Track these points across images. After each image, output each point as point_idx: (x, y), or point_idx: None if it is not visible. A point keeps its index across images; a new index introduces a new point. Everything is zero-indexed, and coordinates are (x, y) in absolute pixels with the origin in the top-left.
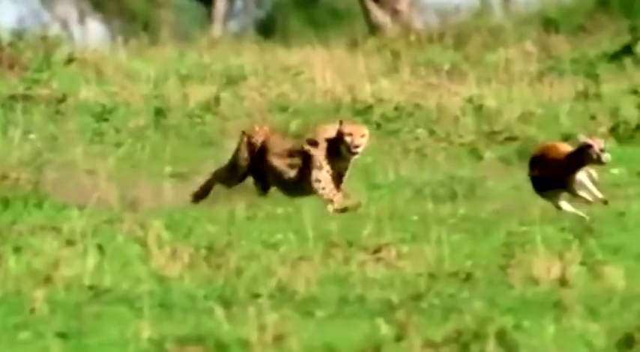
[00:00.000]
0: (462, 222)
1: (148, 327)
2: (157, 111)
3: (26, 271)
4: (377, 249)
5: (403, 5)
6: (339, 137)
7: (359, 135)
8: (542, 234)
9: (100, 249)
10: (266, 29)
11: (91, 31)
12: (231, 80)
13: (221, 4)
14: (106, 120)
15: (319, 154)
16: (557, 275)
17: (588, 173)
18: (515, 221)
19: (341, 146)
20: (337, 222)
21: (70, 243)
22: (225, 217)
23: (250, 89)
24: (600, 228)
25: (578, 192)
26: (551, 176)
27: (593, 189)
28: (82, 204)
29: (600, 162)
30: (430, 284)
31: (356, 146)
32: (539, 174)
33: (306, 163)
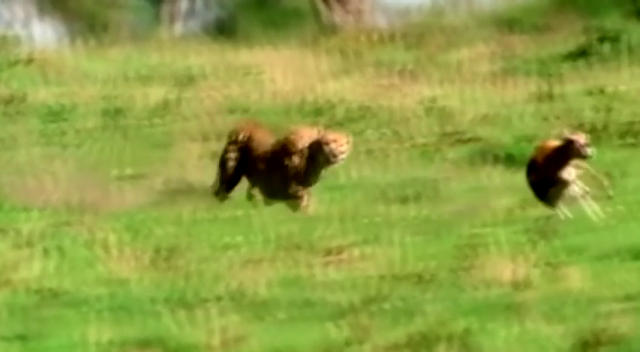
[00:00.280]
0: (419, 224)
1: (105, 330)
2: (111, 113)
3: None
4: (337, 251)
5: (359, 5)
6: (320, 145)
7: (341, 143)
8: (501, 235)
9: (58, 251)
10: (221, 29)
11: (47, 31)
12: (186, 81)
13: (176, 5)
14: (61, 121)
15: (297, 165)
16: (514, 278)
17: (577, 167)
18: (474, 223)
19: (321, 155)
20: (291, 225)
21: (21, 246)
22: (183, 219)
23: (205, 90)
24: (559, 230)
25: (571, 185)
26: (544, 176)
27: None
28: (35, 206)
29: (584, 157)
30: (385, 287)
31: (338, 154)
32: (536, 178)
33: (285, 172)
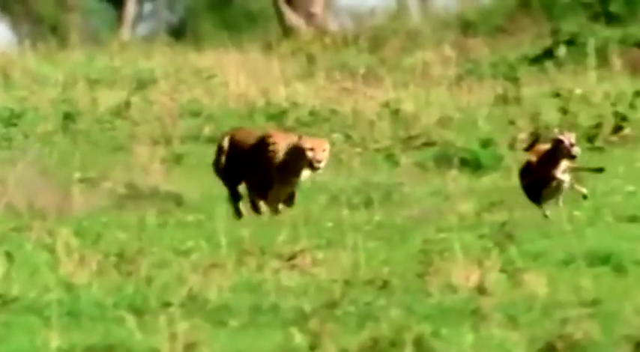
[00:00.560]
0: (378, 229)
1: (56, 336)
2: (65, 116)
3: None
4: (291, 256)
5: (318, 8)
6: (300, 152)
7: (321, 150)
8: (461, 241)
9: (7, 256)
10: (178, 32)
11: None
12: (142, 84)
13: (131, 7)
14: (14, 125)
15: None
16: (475, 283)
17: (568, 167)
18: (433, 228)
19: (300, 162)
20: (250, 229)
21: None
22: (135, 224)
23: (161, 93)
24: (520, 235)
25: (565, 183)
26: (536, 178)
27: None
28: None
29: (572, 156)
30: (345, 292)
31: (318, 161)
32: (528, 181)
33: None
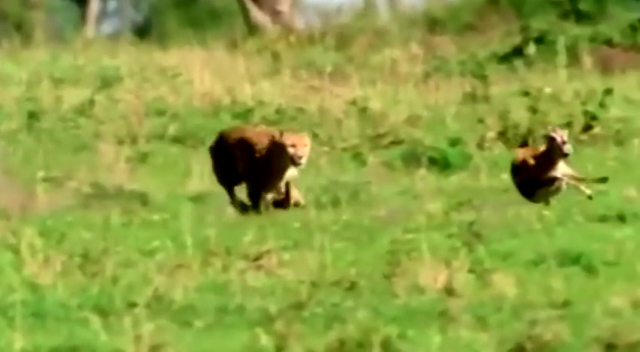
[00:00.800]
0: (346, 229)
1: (20, 337)
2: (29, 115)
3: None
4: (257, 257)
5: (284, 5)
6: (282, 147)
7: (302, 146)
8: (429, 241)
9: None
10: (142, 30)
11: None
12: (106, 83)
13: (95, 5)
14: None
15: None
16: (443, 284)
17: (565, 165)
18: (401, 228)
19: (282, 158)
20: (216, 230)
21: None
22: (100, 223)
23: (126, 92)
24: (489, 235)
25: (562, 182)
26: (530, 177)
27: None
28: None
29: (565, 154)
30: (312, 293)
31: (300, 157)
32: (521, 179)
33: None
